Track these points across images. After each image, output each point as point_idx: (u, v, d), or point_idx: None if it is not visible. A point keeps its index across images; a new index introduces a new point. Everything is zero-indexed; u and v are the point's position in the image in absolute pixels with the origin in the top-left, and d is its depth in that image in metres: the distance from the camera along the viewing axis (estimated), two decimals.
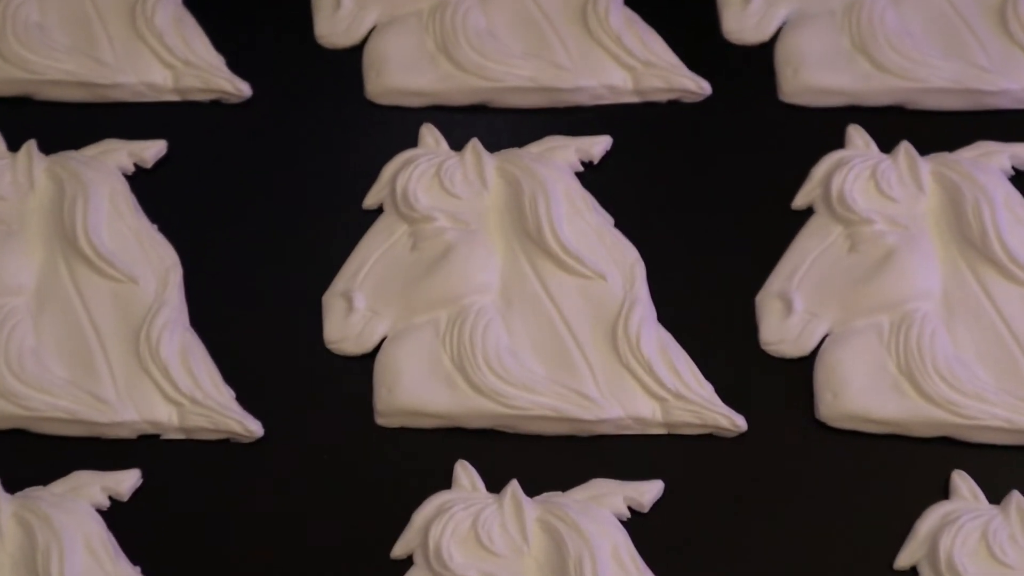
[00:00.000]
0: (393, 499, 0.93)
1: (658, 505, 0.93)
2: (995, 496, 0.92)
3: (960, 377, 0.94)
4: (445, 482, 0.93)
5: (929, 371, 0.94)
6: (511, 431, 0.96)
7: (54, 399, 0.95)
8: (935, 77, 1.05)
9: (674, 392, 0.95)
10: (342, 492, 0.94)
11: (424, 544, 0.90)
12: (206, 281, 1.01)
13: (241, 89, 1.07)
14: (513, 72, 1.06)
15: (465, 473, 0.93)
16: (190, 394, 0.95)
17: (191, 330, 0.98)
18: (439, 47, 1.07)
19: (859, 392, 0.94)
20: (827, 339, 0.97)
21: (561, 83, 1.06)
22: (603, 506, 0.92)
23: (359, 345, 0.98)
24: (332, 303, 0.99)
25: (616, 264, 0.99)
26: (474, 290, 0.98)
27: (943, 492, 0.93)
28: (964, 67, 1.06)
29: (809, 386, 0.96)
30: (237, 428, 0.95)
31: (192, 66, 1.07)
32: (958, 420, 0.93)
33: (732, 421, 0.95)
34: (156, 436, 0.96)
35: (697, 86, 1.07)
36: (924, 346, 0.95)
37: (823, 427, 0.95)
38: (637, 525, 0.92)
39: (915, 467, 0.94)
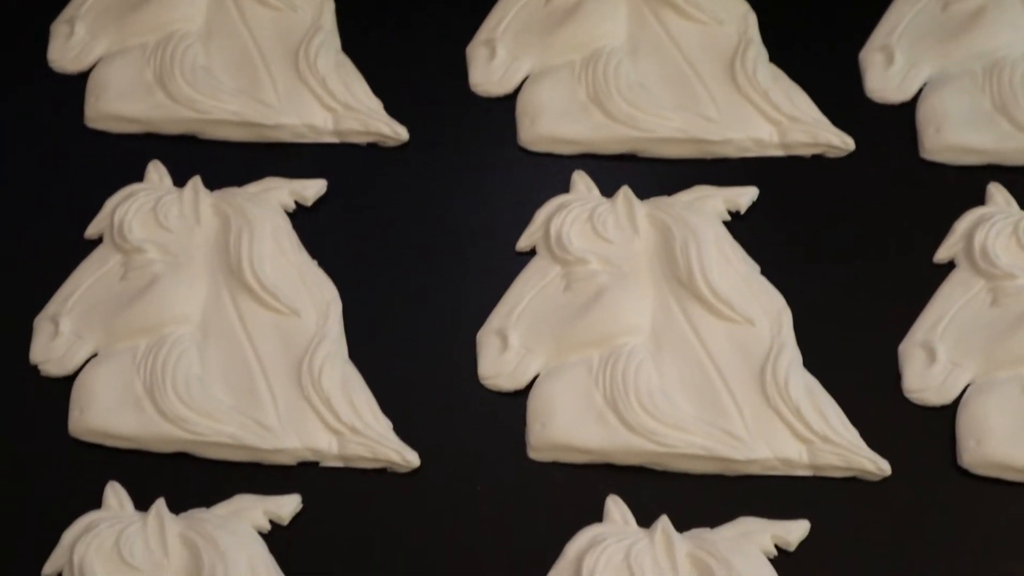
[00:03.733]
0: (545, 532, 0.96)
1: (803, 545, 0.95)
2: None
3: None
4: (595, 516, 0.95)
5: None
6: (660, 468, 0.98)
7: (219, 424, 0.98)
8: None
9: (820, 435, 0.97)
10: (495, 523, 0.97)
11: (578, 571, 0.92)
12: (364, 316, 1.04)
13: (399, 133, 1.11)
14: (664, 123, 1.10)
15: (617, 507, 0.96)
16: (350, 423, 0.98)
17: (350, 363, 1.02)
18: (591, 97, 1.11)
19: (1003, 440, 0.96)
20: (970, 388, 0.99)
21: (710, 135, 1.09)
22: (752, 544, 0.94)
23: (513, 381, 1.01)
24: (487, 340, 1.02)
25: (763, 310, 1.02)
26: (626, 331, 1.01)
27: None
28: None
29: (951, 433, 0.98)
30: (395, 458, 0.98)
31: (352, 109, 1.11)
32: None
33: (877, 465, 0.97)
34: (315, 464, 0.99)
35: (841, 141, 1.10)
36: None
37: (966, 474, 0.97)
38: (782, 565, 0.94)
39: None
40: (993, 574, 0.94)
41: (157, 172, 1.09)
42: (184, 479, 0.99)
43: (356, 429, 0.99)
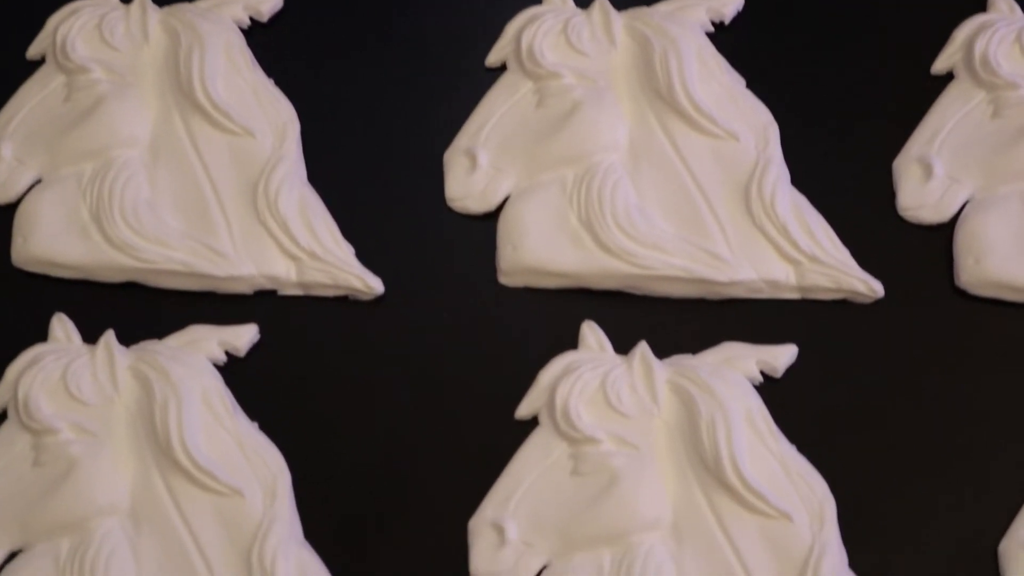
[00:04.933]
0: (517, 360, 0.91)
1: (790, 371, 0.90)
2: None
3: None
4: (570, 344, 0.91)
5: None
6: (638, 293, 0.93)
7: (170, 251, 0.93)
8: None
9: (809, 255, 0.92)
10: (464, 352, 0.92)
11: (551, 404, 0.88)
12: (324, 137, 0.98)
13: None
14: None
15: (592, 333, 0.90)
16: (309, 248, 0.93)
17: (309, 185, 0.96)
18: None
19: (1003, 258, 0.91)
20: (968, 204, 0.94)
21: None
22: (736, 370, 0.89)
23: (482, 203, 0.95)
24: (454, 160, 0.96)
25: (749, 125, 0.96)
26: (602, 148, 0.95)
27: None
28: None
29: (948, 253, 0.93)
30: (357, 284, 0.93)
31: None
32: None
33: (869, 286, 0.92)
34: (273, 292, 0.94)
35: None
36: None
37: (963, 295, 0.92)
38: (768, 392, 0.89)
39: None
40: (989, 398, 0.89)
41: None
42: (134, 310, 0.94)
43: (315, 254, 0.93)
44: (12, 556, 0.87)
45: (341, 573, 0.86)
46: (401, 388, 0.91)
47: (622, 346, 0.90)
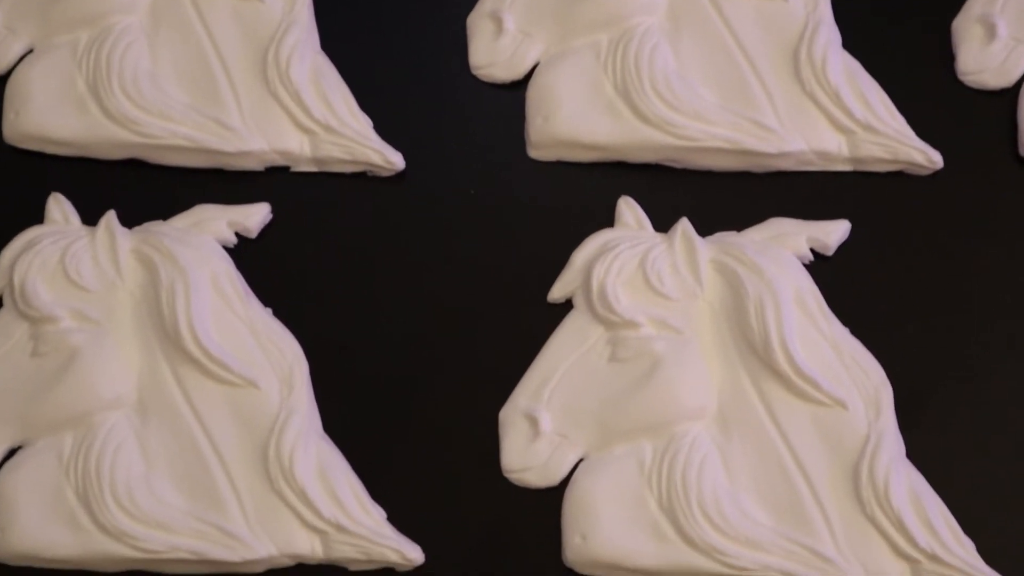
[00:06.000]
0: (549, 239, 0.85)
1: (843, 248, 0.85)
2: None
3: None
4: (607, 222, 0.85)
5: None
6: (679, 166, 0.87)
7: (175, 125, 0.87)
8: None
9: (863, 123, 0.86)
10: (491, 232, 0.87)
11: (586, 286, 0.82)
12: (336, 2, 0.92)
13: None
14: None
15: (630, 210, 0.85)
16: (324, 121, 0.87)
17: (322, 53, 0.90)
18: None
19: None
20: None
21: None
22: (784, 247, 0.83)
23: (510, 70, 0.89)
24: (479, 24, 0.90)
25: None
26: (639, 10, 0.88)
27: None
28: None
29: (1012, 120, 0.87)
30: (376, 159, 0.87)
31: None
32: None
33: (928, 156, 0.86)
34: (286, 168, 0.88)
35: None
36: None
37: None
38: (820, 270, 0.84)
39: None
40: None
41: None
42: (136, 190, 0.88)
43: (331, 127, 0.87)
44: (11, 453, 0.81)
45: (363, 469, 0.81)
46: (424, 272, 0.86)
47: (662, 224, 0.84)
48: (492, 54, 0.89)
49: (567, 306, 0.84)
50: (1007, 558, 0.79)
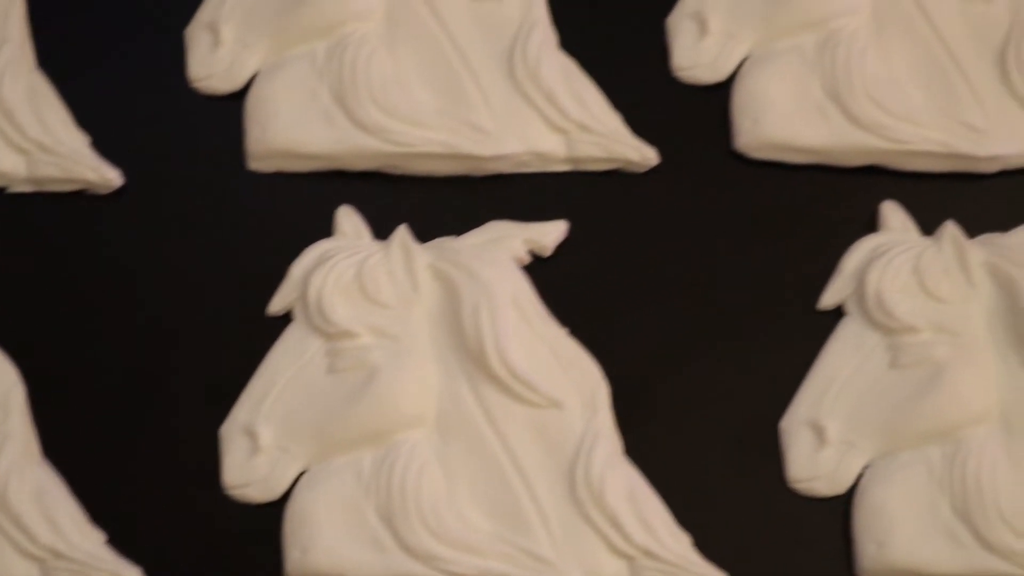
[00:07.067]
0: (269, 251, 0.85)
1: (561, 248, 0.85)
2: (927, 228, 0.85)
3: (889, 98, 0.86)
4: (326, 231, 0.85)
5: (858, 92, 0.86)
6: (397, 173, 0.87)
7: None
8: None
9: (578, 123, 0.86)
10: (211, 244, 0.86)
11: (304, 297, 0.82)
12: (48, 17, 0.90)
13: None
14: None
15: (348, 219, 0.84)
16: (39, 143, 0.85)
17: (36, 71, 0.88)
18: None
19: (782, 117, 0.86)
20: (747, 62, 0.88)
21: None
22: (501, 250, 0.83)
23: (229, 81, 0.88)
24: (196, 36, 0.89)
25: None
26: (354, 17, 0.88)
27: (871, 226, 0.85)
28: None
29: (725, 116, 0.88)
30: (91, 176, 0.86)
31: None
32: (887, 145, 0.85)
33: (641, 153, 0.86)
34: (2, 189, 0.87)
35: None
36: (853, 67, 0.86)
37: (740, 158, 0.87)
38: (539, 270, 0.84)
39: (842, 199, 0.86)
40: (769, 268, 0.85)
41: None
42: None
43: (46, 147, 0.85)
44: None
45: (84, 492, 0.80)
46: (146, 285, 0.85)
47: (382, 232, 0.84)
48: (210, 65, 0.88)
49: (288, 319, 0.83)
50: (722, 549, 0.79)
